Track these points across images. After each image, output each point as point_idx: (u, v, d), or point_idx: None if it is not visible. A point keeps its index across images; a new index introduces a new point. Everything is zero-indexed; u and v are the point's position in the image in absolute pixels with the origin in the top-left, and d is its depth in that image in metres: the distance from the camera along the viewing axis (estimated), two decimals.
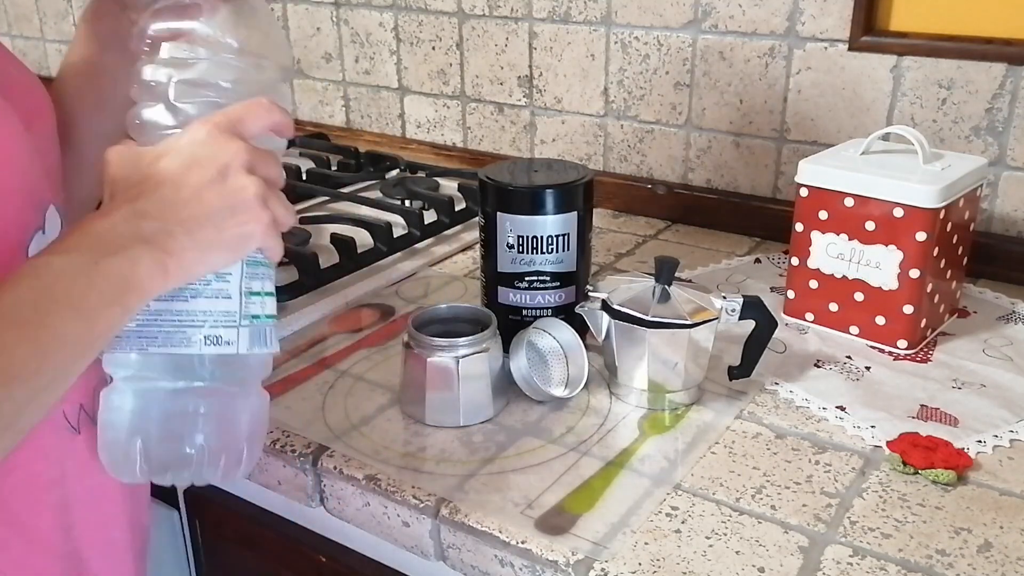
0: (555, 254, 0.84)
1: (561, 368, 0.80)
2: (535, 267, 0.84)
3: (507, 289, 0.85)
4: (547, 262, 0.84)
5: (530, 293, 0.85)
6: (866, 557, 0.61)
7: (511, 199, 0.83)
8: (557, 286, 0.85)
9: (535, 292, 0.85)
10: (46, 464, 0.60)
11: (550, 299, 0.85)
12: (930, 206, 0.82)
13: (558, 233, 0.83)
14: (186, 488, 0.87)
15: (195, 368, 0.57)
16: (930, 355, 0.87)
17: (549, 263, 0.84)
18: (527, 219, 0.83)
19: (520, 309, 0.85)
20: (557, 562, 0.61)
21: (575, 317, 0.81)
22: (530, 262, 0.84)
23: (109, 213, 0.52)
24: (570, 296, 0.85)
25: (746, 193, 1.18)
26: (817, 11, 1.06)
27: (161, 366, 0.56)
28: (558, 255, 0.84)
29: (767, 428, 0.75)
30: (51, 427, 0.60)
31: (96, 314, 0.50)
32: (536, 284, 0.85)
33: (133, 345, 0.55)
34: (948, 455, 0.70)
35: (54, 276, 0.49)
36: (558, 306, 0.85)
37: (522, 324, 0.83)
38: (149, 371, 0.57)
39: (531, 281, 0.85)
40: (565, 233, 0.83)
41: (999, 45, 0.97)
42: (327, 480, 0.72)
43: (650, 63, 1.19)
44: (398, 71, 1.44)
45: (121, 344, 0.54)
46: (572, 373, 0.80)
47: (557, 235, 0.83)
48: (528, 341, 0.78)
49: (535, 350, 0.80)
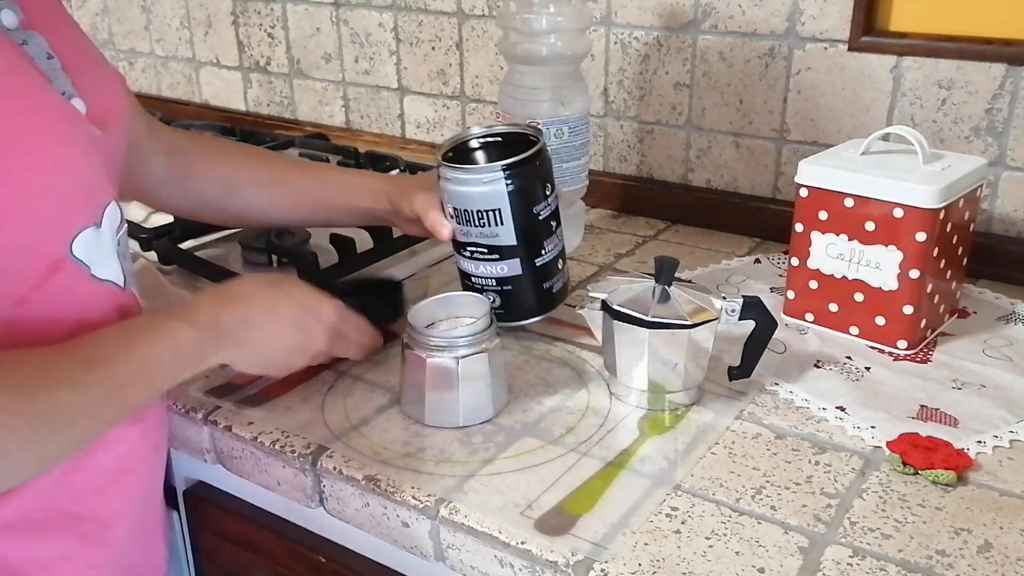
0: (488, 228, 0.82)
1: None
2: (472, 239, 0.84)
3: (458, 255, 0.86)
4: (482, 235, 0.83)
5: (474, 263, 0.85)
6: (866, 558, 0.61)
7: (444, 170, 0.83)
8: (497, 258, 0.84)
9: (478, 262, 0.85)
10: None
11: (493, 270, 0.85)
12: (930, 206, 0.82)
13: (487, 208, 0.82)
14: (185, 489, 0.87)
15: None
16: (930, 355, 0.87)
17: (484, 236, 0.83)
18: (456, 191, 0.82)
19: (470, 275, 0.86)
20: (557, 563, 0.61)
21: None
22: (467, 233, 0.84)
23: (231, 310, 0.69)
24: (515, 268, 0.84)
25: (746, 193, 1.18)
26: (817, 11, 1.06)
27: None
28: (491, 229, 0.82)
29: (767, 428, 0.75)
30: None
31: (183, 378, 0.66)
32: (477, 255, 0.84)
33: None
34: (948, 455, 0.70)
35: (185, 342, 0.64)
36: (505, 277, 0.85)
37: (474, 290, 0.85)
38: None
39: (472, 251, 0.84)
40: (495, 208, 0.81)
41: (999, 45, 0.97)
42: (327, 481, 0.72)
43: (650, 63, 1.19)
44: (398, 71, 1.44)
45: None
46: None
47: (487, 210, 0.82)
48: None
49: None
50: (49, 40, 0.63)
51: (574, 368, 0.85)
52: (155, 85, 1.78)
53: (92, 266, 0.63)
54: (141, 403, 0.64)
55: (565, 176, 1.05)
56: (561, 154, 1.04)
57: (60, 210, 0.59)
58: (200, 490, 0.87)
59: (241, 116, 1.66)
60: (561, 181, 1.05)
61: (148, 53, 1.76)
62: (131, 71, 1.80)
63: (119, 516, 0.69)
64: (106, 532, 0.68)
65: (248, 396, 0.81)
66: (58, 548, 0.64)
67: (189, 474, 0.88)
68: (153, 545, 0.77)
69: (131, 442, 0.68)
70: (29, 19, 0.62)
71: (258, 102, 1.64)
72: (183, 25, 1.68)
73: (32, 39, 0.61)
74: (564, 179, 1.05)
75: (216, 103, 1.70)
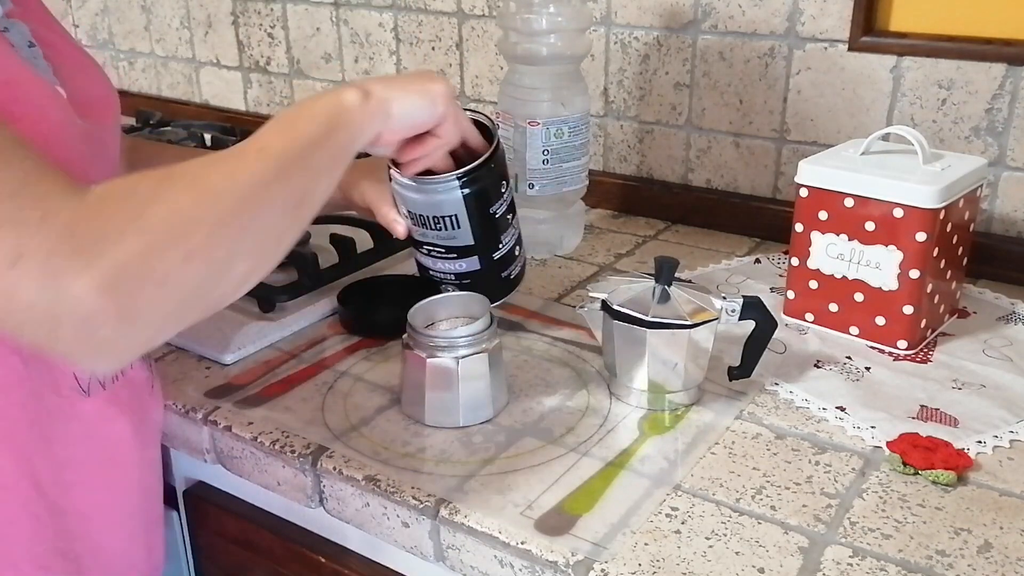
0: (444, 231, 0.82)
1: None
2: (428, 239, 0.84)
3: (415, 250, 0.86)
4: (439, 237, 0.83)
5: (431, 259, 0.85)
6: (866, 558, 0.61)
7: (395, 176, 0.81)
8: (455, 256, 0.84)
9: (435, 259, 0.85)
10: (39, 426, 0.63)
11: (451, 267, 0.85)
12: (930, 206, 0.81)
13: (443, 215, 0.81)
14: (185, 489, 0.87)
15: None
16: (930, 355, 0.87)
17: (440, 238, 0.83)
18: (410, 197, 0.81)
19: (428, 269, 0.87)
20: (557, 563, 0.61)
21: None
22: (423, 234, 0.84)
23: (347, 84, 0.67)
24: (473, 264, 0.84)
25: (746, 193, 1.18)
26: (817, 11, 1.06)
27: None
28: (448, 232, 0.82)
29: (767, 429, 0.75)
30: (56, 388, 0.63)
31: (327, 139, 0.62)
32: (434, 253, 0.84)
33: None
34: (948, 456, 0.70)
35: (317, 101, 0.63)
36: (463, 272, 0.85)
37: (431, 282, 0.86)
38: None
39: (429, 250, 0.84)
40: (451, 215, 0.81)
41: (999, 45, 0.97)
42: (327, 481, 0.72)
43: (650, 63, 1.19)
44: (398, 71, 1.44)
45: None
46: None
47: (443, 216, 0.81)
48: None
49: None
50: (34, 30, 0.63)
51: (574, 368, 0.85)
52: (155, 85, 1.78)
53: None
54: (319, 159, 0.62)
55: (565, 176, 1.05)
56: (561, 154, 1.04)
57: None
58: (200, 490, 0.87)
59: (241, 116, 1.66)
60: (561, 181, 1.05)
61: (148, 53, 1.76)
62: (131, 71, 1.80)
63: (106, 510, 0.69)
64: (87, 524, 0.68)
65: (248, 396, 0.81)
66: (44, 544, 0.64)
67: (189, 474, 0.88)
68: (152, 545, 0.77)
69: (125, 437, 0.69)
70: (16, 10, 0.63)
71: (258, 102, 1.64)
72: (183, 25, 1.68)
73: (14, 27, 0.62)
74: (564, 179, 1.06)
75: (216, 103, 1.70)
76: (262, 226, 0.55)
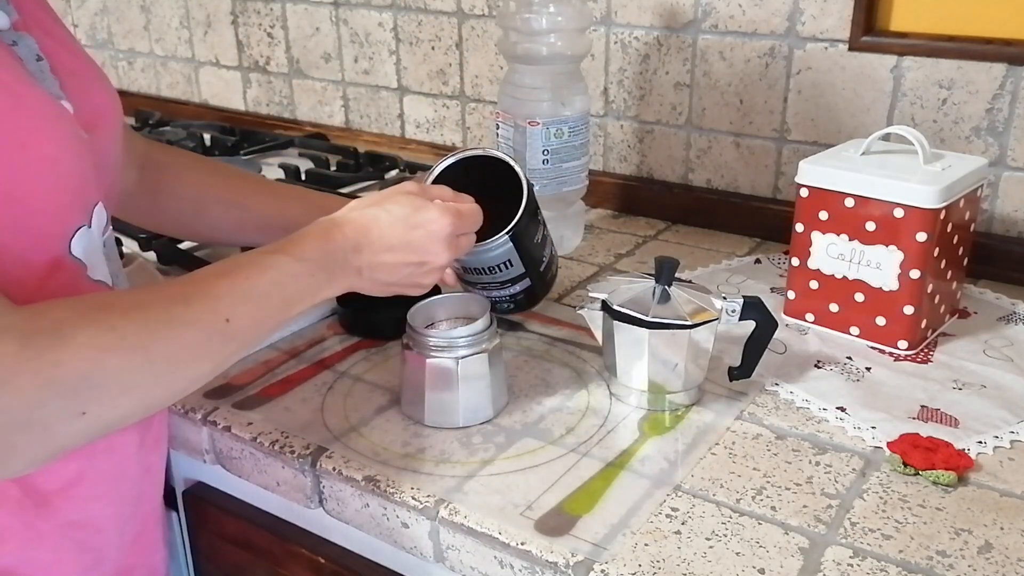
0: (498, 273, 0.84)
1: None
2: (482, 281, 0.85)
3: (466, 284, 0.87)
4: (493, 279, 0.85)
5: (485, 291, 0.87)
6: (866, 558, 0.61)
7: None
8: (510, 284, 0.86)
9: (490, 291, 0.87)
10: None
11: (506, 292, 0.87)
12: (930, 206, 0.81)
13: (498, 264, 0.83)
14: (185, 489, 0.87)
15: None
16: (930, 356, 0.87)
17: (495, 278, 0.85)
18: (463, 259, 0.83)
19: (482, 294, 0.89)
20: (557, 563, 0.61)
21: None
22: (477, 279, 0.85)
23: (338, 239, 0.67)
24: (525, 284, 0.87)
25: (746, 193, 1.17)
26: (817, 11, 1.06)
27: None
28: (503, 273, 0.84)
29: (767, 429, 0.75)
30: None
31: (296, 312, 0.64)
32: (489, 287, 0.86)
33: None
34: (948, 456, 0.70)
35: (290, 277, 0.63)
36: (517, 292, 0.87)
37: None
38: None
39: (483, 287, 0.86)
40: (505, 261, 0.83)
41: (999, 45, 0.97)
42: (326, 481, 0.72)
43: (650, 63, 1.19)
44: (397, 71, 1.44)
45: None
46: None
47: (497, 264, 0.83)
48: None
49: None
50: (40, 42, 0.62)
51: (574, 368, 0.85)
52: (154, 85, 1.78)
53: (88, 266, 0.63)
54: (258, 336, 0.63)
55: (565, 176, 1.05)
56: (561, 154, 1.04)
57: (56, 205, 0.59)
58: (199, 491, 0.87)
59: (241, 116, 1.66)
60: (561, 181, 1.05)
61: (147, 53, 1.76)
62: (131, 71, 1.80)
63: (114, 520, 0.69)
64: (99, 536, 0.68)
65: (247, 397, 0.81)
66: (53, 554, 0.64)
67: (188, 475, 0.88)
68: (152, 546, 0.77)
69: (131, 447, 0.68)
70: (22, 21, 0.62)
71: (257, 102, 1.64)
72: (182, 25, 1.68)
73: (22, 40, 0.61)
74: (564, 179, 1.05)
75: (215, 103, 1.70)
76: (181, 380, 0.59)
